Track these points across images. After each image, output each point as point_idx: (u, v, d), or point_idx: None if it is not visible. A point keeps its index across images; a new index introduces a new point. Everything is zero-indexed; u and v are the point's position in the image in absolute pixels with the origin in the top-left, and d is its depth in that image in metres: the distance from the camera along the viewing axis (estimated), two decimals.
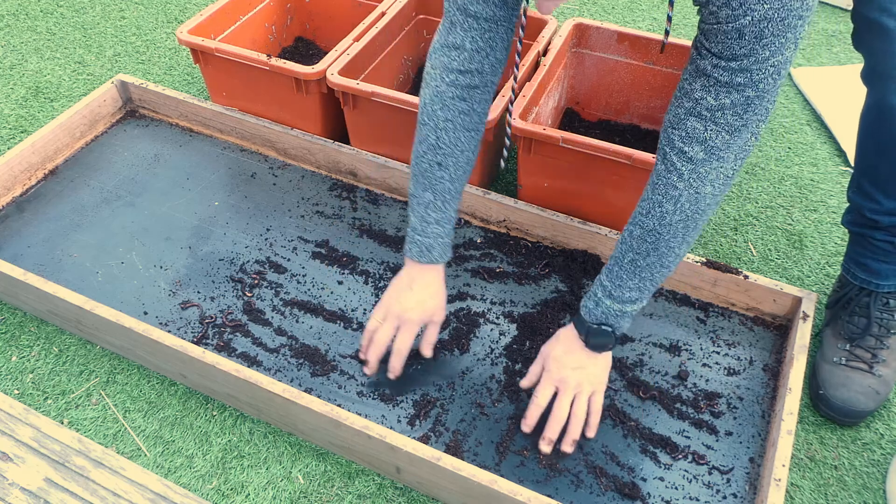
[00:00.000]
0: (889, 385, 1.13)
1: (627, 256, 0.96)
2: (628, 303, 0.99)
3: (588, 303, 1.02)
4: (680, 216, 0.91)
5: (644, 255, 0.95)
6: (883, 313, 1.15)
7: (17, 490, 1.03)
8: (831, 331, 1.19)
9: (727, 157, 0.87)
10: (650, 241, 0.93)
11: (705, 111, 0.84)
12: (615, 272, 0.98)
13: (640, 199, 0.95)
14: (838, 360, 1.15)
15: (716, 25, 0.80)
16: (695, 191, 0.89)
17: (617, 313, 1.00)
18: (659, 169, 0.91)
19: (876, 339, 1.15)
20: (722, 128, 0.84)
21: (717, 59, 0.81)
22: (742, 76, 0.81)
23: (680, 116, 0.87)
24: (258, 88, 1.48)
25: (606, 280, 0.99)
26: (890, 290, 1.15)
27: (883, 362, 1.14)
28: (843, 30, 1.92)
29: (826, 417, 1.14)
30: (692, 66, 0.85)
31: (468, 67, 0.99)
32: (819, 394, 1.14)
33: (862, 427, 1.14)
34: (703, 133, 0.85)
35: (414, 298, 1.09)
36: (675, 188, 0.89)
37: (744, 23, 0.77)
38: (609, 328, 1.01)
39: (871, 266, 1.14)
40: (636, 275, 0.96)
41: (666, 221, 0.92)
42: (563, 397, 1.04)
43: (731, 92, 0.82)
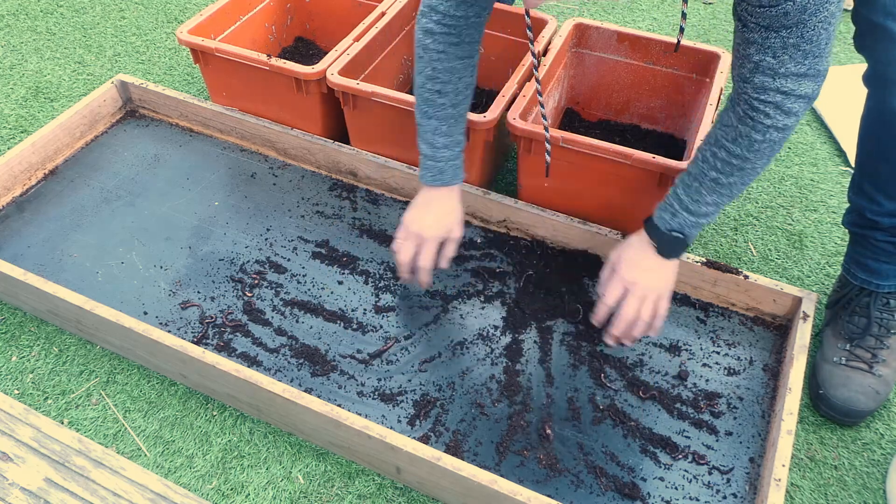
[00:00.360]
0: (889, 385, 1.13)
1: (710, 175, 1.01)
2: (704, 216, 1.05)
3: (664, 214, 1.07)
4: (768, 144, 0.96)
5: (728, 174, 1.00)
6: (883, 313, 1.15)
7: (17, 490, 1.03)
8: (831, 331, 1.19)
9: (803, 92, 0.92)
10: (736, 164, 0.99)
11: (768, 69, 0.90)
12: (694, 188, 1.03)
13: (721, 123, 0.99)
14: (838, 360, 1.15)
15: (759, 9, 0.84)
16: (782, 123, 0.94)
17: (692, 224, 1.05)
18: (742, 109, 0.96)
19: (876, 339, 1.15)
20: (788, 76, 0.90)
21: (766, 31, 0.87)
22: (794, 38, 0.86)
23: (745, 76, 0.93)
24: (258, 88, 1.48)
25: (684, 195, 1.04)
26: (890, 290, 1.15)
27: (883, 362, 1.14)
28: (843, 30, 1.91)
29: (826, 417, 1.14)
30: (741, 36, 0.91)
31: (454, 13, 1.06)
32: (819, 394, 1.14)
33: (862, 427, 1.14)
34: (773, 83, 0.91)
35: (431, 217, 1.16)
36: (762, 123, 0.95)
37: (787, 6, 0.82)
38: (682, 236, 1.06)
39: (872, 266, 1.14)
40: (715, 192, 1.02)
41: (755, 148, 0.97)
42: (631, 299, 1.08)
43: (786, 50, 0.88)
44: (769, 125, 0.94)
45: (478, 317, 1.24)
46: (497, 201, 1.34)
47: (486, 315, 1.24)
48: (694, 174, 1.03)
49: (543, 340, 1.20)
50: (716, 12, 2.00)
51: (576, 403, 1.12)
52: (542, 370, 1.16)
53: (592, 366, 1.17)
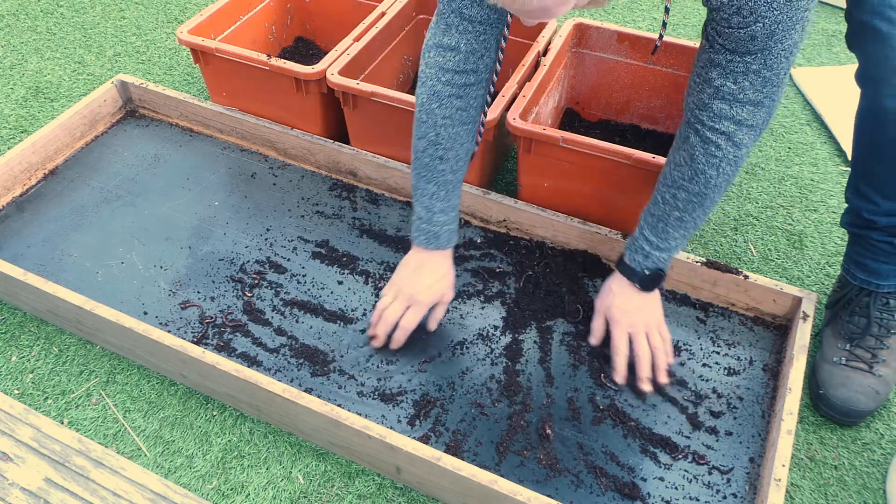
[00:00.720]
0: (889, 385, 1.13)
1: (673, 215, 1.05)
2: (673, 249, 1.10)
3: (636, 256, 1.11)
4: (724, 177, 1.00)
5: (690, 211, 1.04)
6: (883, 313, 1.15)
7: (17, 490, 1.03)
8: (831, 331, 1.19)
9: (756, 124, 0.95)
10: (696, 201, 1.03)
11: (727, 94, 0.93)
12: (660, 228, 1.07)
13: (674, 163, 1.02)
14: (838, 360, 1.15)
15: (728, 29, 0.86)
16: (733, 156, 0.98)
17: (665, 259, 1.10)
18: (694, 141, 0.98)
19: (876, 339, 1.15)
20: (745, 104, 0.93)
21: (732, 55, 0.88)
22: (757, 64, 0.88)
23: (704, 101, 0.94)
24: (258, 88, 1.48)
25: (652, 235, 1.09)
26: (890, 290, 1.15)
27: (883, 362, 1.14)
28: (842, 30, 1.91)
29: (826, 417, 1.14)
30: (706, 56, 0.92)
31: (463, 68, 1.04)
32: (819, 394, 1.14)
33: (862, 427, 1.14)
34: (729, 111, 0.94)
35: (425, 282, 1.16)
36: (714, 157, 0.98)
37: (756, 28, 0.84)
38: (660, 270, 1.11)
39: (871, 266, 1.14)
40: (682, 227, 1.06)
41: (712, 184, 1.01)
42: (639, 338, 1.13)
43: (748, 76, 0.90)
44: (721, 158, 0.97)
45: (478, 317, 1.24)
46: (497, 201, 1.34)
47: (486, 315, 1.24)
48: (657, 215, 1.07)
49: (543, 340, 1.20)
50: None
51: (576, 403, 1.12)
52: (542, 370, 1.16)
53: (592, 366, 1.17)
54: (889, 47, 0.97)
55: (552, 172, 1.31)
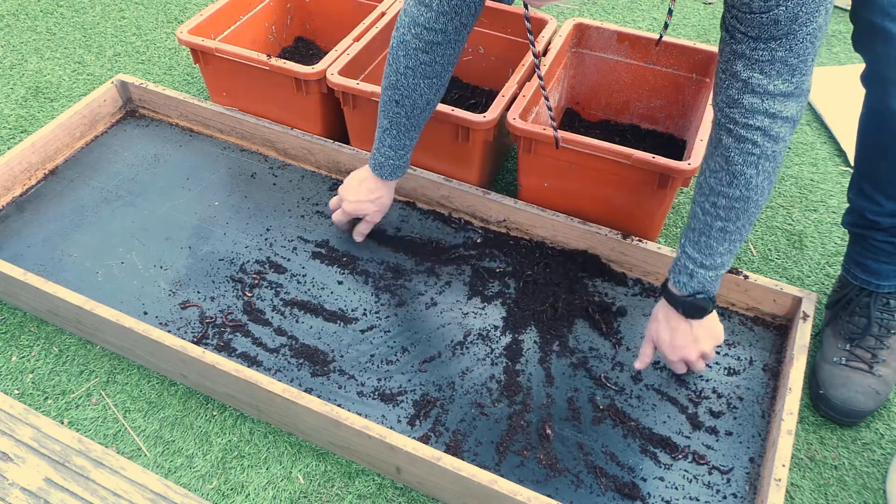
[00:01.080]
0: (889, 385, 1.13)
1: (716, 225, 0.99)
2: (720, 267, 1.02)
3: (681, 277, 1.03)
4: (764, 176, 0.95)
5: (734, 220, 0.98)
6: (883, 313, 1.15)
7: (17, 490, 1.03)
8: (831, 331, 1.19)
9: (790, 115, 0.91)
10: (739, 207, 0.97)
11: (757, 87, 0.89)
12: (703, 242, 1.00)
13: (709, 171, 0.97)
14: (838, 360, 1.15)
15: (749, 15, 0.83)
16: (772, 151, 0.93)
17: (712, 279, 1.03)
18: (728, 142, 0.94)
19: (876, 340, 1.15)
20: (776, 96, 0.89)
21: (755, 42, 0.85)
22: (782, 51, 0.85)
23: (733, 97, 0.91)
24: (258, 88, 1.48)
25: (695, 252, 1.02)
26: (890, 290, 1.15)
27: (883, 362, 1.14)
28: (843, 30, 1.91)
29: (826, 417, 1.14)
30: (728, 49, 0.89)
31: (433, 26, 1.08)
32: (819, 394, 1.14)
33: (862, 427, 1.14)
34: (761, 105, 0.90)
35: (356, 195, 1.28)
36: (752, 155, 0.93)
37: (778, 12, 0.81)
38: (704, 295, 1.03)
39: (872, 266, 1.14)
40: (726, 239, 0.99)
41: (753, 185, 0.95)
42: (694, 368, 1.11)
43: (774, 64, 0.86)
44: (759, 155, 0.93)
45: (478, 317, 1.24)
46: (497, 201, 1.34)
47: (486, 315, 1.24)
48: (698, 229, 1.00)
49: (543, 340, 1.20)
50: (716, 12, 2.00)
51: (576, 403, 1.12)
52: (542, 370, 1.16)
53: (592, 366, 1.17)
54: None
55: (552, 172, 1.31)
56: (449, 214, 1.41)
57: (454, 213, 1.40)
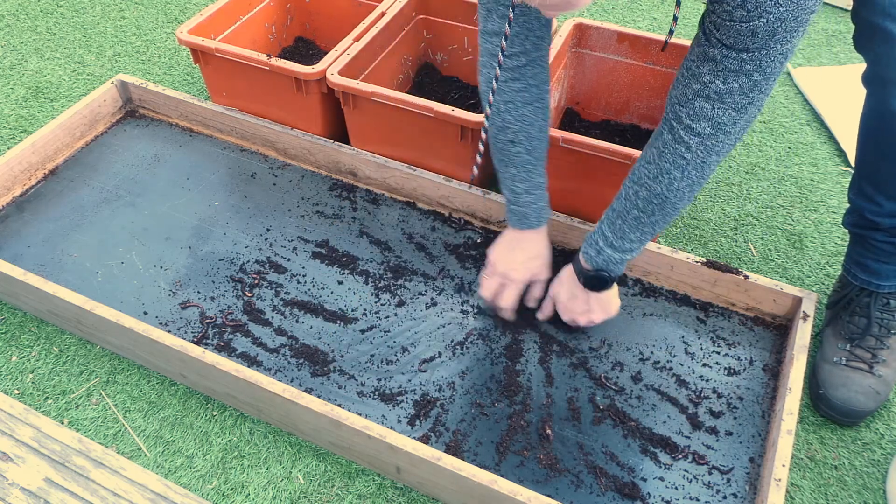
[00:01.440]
0: (889, 385, 1.13)
1: (632, 213, 1.03)
2: (627, 252, 1.07)
3: (589, 250, 1.09)
4: (687, 182, 0.97)
5: (649, 213, 1.02)
6: (883, 313, 1.15)
7: (17, 490, 1.03)
8: (831, 331, 1.19)
9: (733, 131, 0.92)
10: (656, 203, 1.00)
11: (713, 94, 0.88)
12: (618, 225, 1.05)
13: (644, 160, 1.00)
14: (838, 361, 1.15)
15: (729, 22, 0.82)
16: (702, 161, 0.95)
17: (616, 261, 1.08)
18: (666, 138, 0.95)
19: (876, 340, 1.15)
20: (729, 106, 0.89)
21: (728, 50, 0.85)
22: (752, 64, 0.85)
23: (688, 96, 0.91)
24: (258, 88, 1.48)
25: (608, 231, 1.06)
26: (890, 290, 1.15)
27: (883, 362, 1.14)
28: (843, 30, 1.91)
29: (826, 417, 1.14)
30: (699, 50, 0.89)
31: (511, 51, 1.03)
32: (819, 394, 1.14)
33: (862, 427, 1.14)
34: (710, 111, 0.90)
35: (518, 260, 1.18)
36: (682, 158, 0.95)
37: (758, 24, 0.81)
38: (606, 274, 1.09)
39: (872, 266, 1.14)
40: (639, 229, 1.04)
41: (674, 187, 0.98)
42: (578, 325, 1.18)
43: (739, 76, 0.86)
44: (689, 160, 0.94)
45: (478, 317, 1.24)
46: (497, 201, 1.34)
47: (486, 315, 1.24)
48: (618, 211, 1.05)
49: (543, 340, 1.20)
50: None
51: (576, 403, 1.12)
52: (542, 370, 1.16)
53: (592, 366, 1.17)
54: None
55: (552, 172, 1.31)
56: (449, 214, 1.41)
57: (454, 213, 1.41)
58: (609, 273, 1.09)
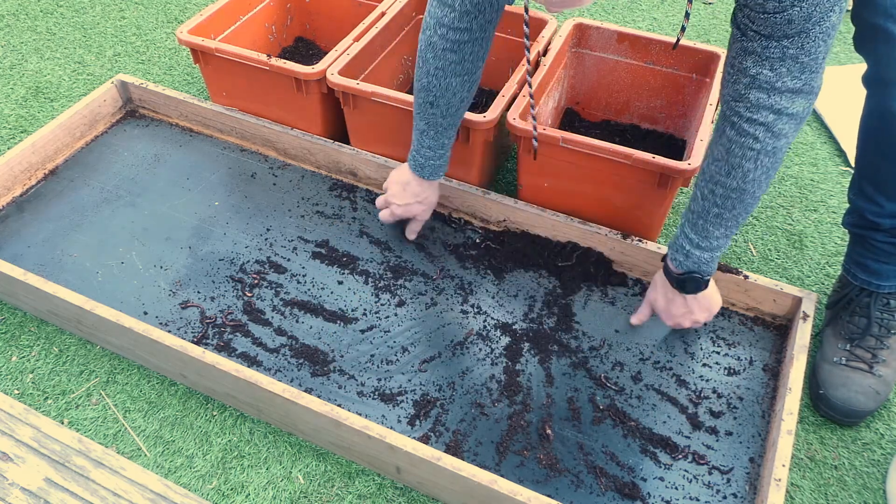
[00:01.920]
0: (889, 385, 1.13)
1: (712, 212, 1.02)
2: (716, 249, 1.06)
3: (677, 255, 1.08)
4: (762, 170, 0.96)
5: (730, 208, 1.01)
6: (883, 313, 1.15)
7: (17, 490, 1.03)
8: (831, 331, 1.19)
9: (795, 111, 0.91)
10: (735, 197, 0.99)
11: (765, 83, 0.89)
12: (700, 225, 1.04)
13: (712, 158, 1.00)
14: (838, 361, 1.15)
15: (763, 15, 0.83)
16: (771, 147, 0.94)
17: (706, 260, 1.07)
18: (730, 135, 0.95)
19: (876, 340, 1.15)
20: (784, 92, 0.89)
21: (768, 41, 0.85)
22: (794, 49, 0.85)
23: (740, 91, 0.91)
24: (258, 88, 1.48)
25: (692, 233, 1.06)
26: (890, 290, 1.15)
27: (883, 362, 1.14)
28: (842, 30, 1.91)
29: (826, 417, 1.14)
30: (738, 46, 0.89)
31: (457, 26, 1.08)
32: (819, 394, 1.14)
33: (862, 427, 1.14)
34: (767, 101, 0.90)
35: (405, 198, 1.29)
36: (752, 150, 0.94)
37: (792, 13, 0.81)
38: (699, 275, 1.08)
39: (872, 267, 1.14)
40: (722, 225, 1.03)
41: (749, 178, 0.97)
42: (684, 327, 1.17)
43: (784, 61, 0.86)
44: (759, 150, 0.94)
45: (478, 317, 1.24)
46: (497, 201, 1.34)
47: (486, 315, 1.24)
48: (697, 212, 1.04)
49: (543, 341, 1.20)
50: (716, 12, 2.00)
51: (576, 403, 1.12)
52: (542, 370, 1.16)
53: (592, 366, 1.17)
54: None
55: (552, 172, 1.31)
56: (449, 214, 1.41)
57: (454, 213, 1.40)
58: (702, 274, 1.08)
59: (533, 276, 1.30)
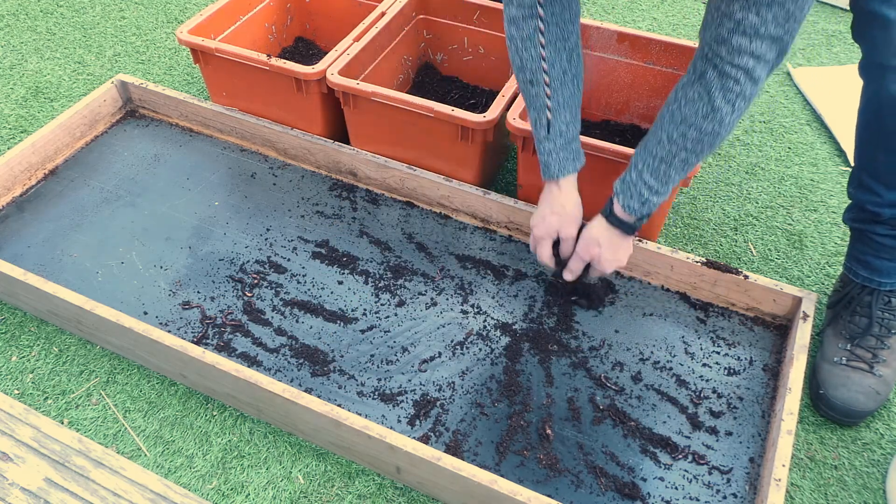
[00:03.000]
0: (889, 385, 1.13)
1: (679, 156, 1.02)
2: (666, 194, 1.07)
3: (632, 202, 1.07)
4: (737, 114, 0.98)
5: (697, 152, 1.01)
6: (885, 312, 1.15)
7: (17, 490, 1.03)
8: (832, 331, 1.19)
9: (772, 59, 0.93)
10: (707, 141, 1.00)
11: (749, 28, 0.90)
12: (663, 171, 1.04)
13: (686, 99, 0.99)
14: (838, 360, 1.15)
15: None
16: (749, 92, 0.96)
17: (655, 203, 1.07)
18: (710, 76, 0.96)
19: (877, 339, 1.15)
20: (765, 38, 0.90)
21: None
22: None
23: (723, 35, 0.92)
24: (258, 88, 1.48)
25: (653, 180, 1.05)
26: (892, 287, 1.15)
27: (883, 362, 1.14)
28: (842, 30, 1.91)
29: (826, 418, 1.14)
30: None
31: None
32: (819, 394, 1.14)
33: (862, 427, 1.14)
34: (748, 46, 0.91)
35: (540, 214, 1.17)
36: (732, 92, 0.95)
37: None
38: (646, 219, 1.09)
39: (873, 264, 1.14)
40: (683, 169, 1.04)
41: (726, 122, 0.98)
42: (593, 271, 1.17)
43: (772, 7, 0.87)
44: (738, 94, 0.95)
45: (478, 317, 1.24)
46: (497, 201, 1.34)
47: (486, 315, 1.24)
48: (661, 157, 1.03)
49: (544, 341, 1.20)
50: None
51: (576, 403, 1.12)
52: (542, 370, 1.16)
53: (592, 366, 1.17)
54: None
55: None
56: (449, 214, 1.41)
57: (454, 213, 1.41)
58: (648, 216, 1.09)
59: (533, 276, 1.30)
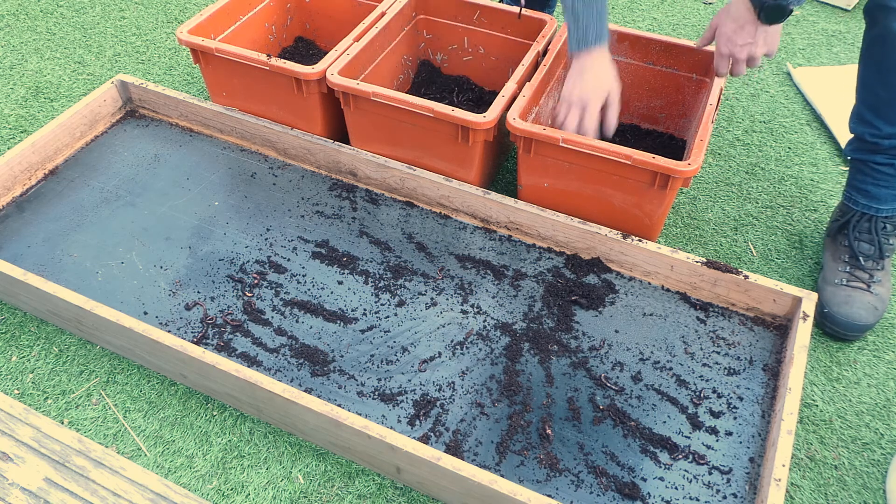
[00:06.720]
0: (885, 302, 1.22)
1: None
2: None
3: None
4: None
5: None
6: (881, 236, 1.22)
7: (17, 490, 1.03)
8: (831, 255, 1.26)
9: None
10: None
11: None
12: None
13: None
14: (839, 282, 1.22)
15: None
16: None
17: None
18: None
19: (874, 261, 1.22)
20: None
21: None
22: None
23: None
24: (258, 88, 1.48)
25: None
26: (889, 213, 1.22)
27: (879, 282, 1.21)
28: (843, 30, 1.92)
29: (831, 335, 1.21)
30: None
31: None
32: (824, 312, 1.21)
33: (862, 427, 1.14)
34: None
35: (588, 86, 1.18)
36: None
37: None
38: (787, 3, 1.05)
39: (872, 192, 1.21)
40: None
41: None
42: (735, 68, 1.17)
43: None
44: None
45: (478, 317, 1.24)
46: (497, 201, 1.34)
47: (487, 315, 1.24)
48: None
49: (544, 342, 1.20)
50: (716, 12, 2.00)
51: (576, 403, 1.12)
52: (542, 370, 1.16)
53: (592, 366, 1.17)
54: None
55: (552, 172, 1.31)
56: (449, 214, 1.41)
57: (454, 213, 1.41)
58: (788, 2, 1.05)
59: (533, 276, 1.30)
